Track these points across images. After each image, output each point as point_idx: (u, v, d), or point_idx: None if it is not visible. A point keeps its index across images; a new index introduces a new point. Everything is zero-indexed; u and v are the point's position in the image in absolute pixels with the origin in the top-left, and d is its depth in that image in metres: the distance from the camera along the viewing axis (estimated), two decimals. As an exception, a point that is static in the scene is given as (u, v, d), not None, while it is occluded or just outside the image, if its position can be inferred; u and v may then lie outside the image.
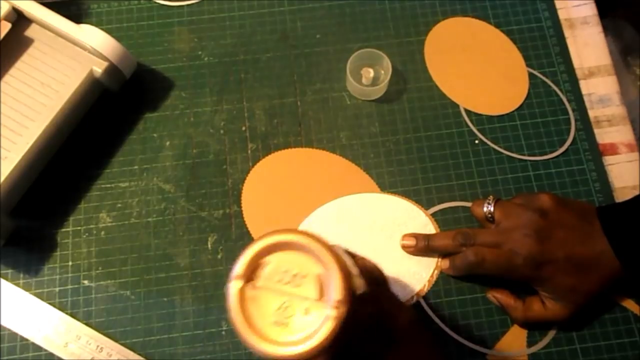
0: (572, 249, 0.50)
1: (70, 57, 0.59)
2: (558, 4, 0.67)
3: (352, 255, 0.38)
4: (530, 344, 0.54)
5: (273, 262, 0.32)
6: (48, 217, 0.59)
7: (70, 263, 0.57)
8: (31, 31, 0.60)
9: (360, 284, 0.35)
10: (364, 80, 0.62)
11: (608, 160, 0.61)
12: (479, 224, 0.57)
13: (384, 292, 0.41)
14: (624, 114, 0.63)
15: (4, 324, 0.55)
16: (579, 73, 0.64)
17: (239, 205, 0.59)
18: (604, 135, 0.62)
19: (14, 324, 0.55)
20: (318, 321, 0.30)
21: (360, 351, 0.37)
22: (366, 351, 0.37)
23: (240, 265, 0.32)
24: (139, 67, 0.63)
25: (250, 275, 0.31)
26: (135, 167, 0.61)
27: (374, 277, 0.40)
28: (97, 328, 0.55)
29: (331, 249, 0.31)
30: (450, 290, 0.56)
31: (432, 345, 0.41)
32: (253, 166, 0.61)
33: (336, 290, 0.30)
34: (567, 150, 0.61)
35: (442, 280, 0.56)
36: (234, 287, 0.31)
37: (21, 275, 0.57)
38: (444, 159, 0.61)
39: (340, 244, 0.33)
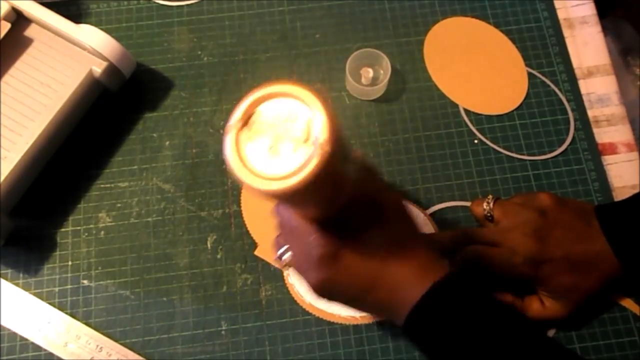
0: (570, 248, 0.50)
1: (69, 57, 0.59)
2: (557, 4, 0.67)
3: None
4: (529, 343, 0.54)
5: (266, 108, 0.35)
6: (48, 217, 0.59)
7: (69, 263, 0.57)
8: (31, 31, 0.60)
9: (354, 160, 0.39)
10: (363, 80, 0.62)
11: (607, 159, 0.61)
12: (478, 223, 0.57)
13: (374, 177, 0.44)
14: (623, 114, 0.63)
15: (4, 324, 0.55)
16: (578, 73, 0.65)
17: (239, 205, 0.59)
18: (603, 135, 0.62)
19: (13, 324, 0.55)
20: (304, 158, 0.32)
21: (351, 224, 0.42)
22: (356, 224, 0.42)
23: (238, 113, 0.34)
24: (139, 67, 0.63)
25: (246, 121, 0.34)
26: (135, 167, 0.61)
27: (366, 165, 0.44)
28: (97, 328, 0.55)
29: (321, 97, 0.34)
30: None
31: (414, 228, 0.45)
32: (252, 166, 0.61)
33: (322, 132, 0.32)
34: (566, 150, 0.61)
35: (441, 279, 0.56)
36: (231, 131, 0.34)
37: (21, 275, 0.57)
38: (443, 159, 0.61)
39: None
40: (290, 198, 0.36)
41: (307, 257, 0.42)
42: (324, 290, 0.43)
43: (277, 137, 0.34)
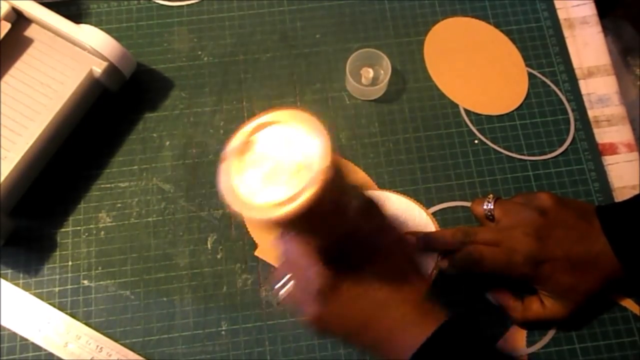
0: (571, 248, 0.50)
1: (70, 57, 0.59)
2: (557, 4, 0.67)
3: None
4: (530, 343, 0.54)
5: (265, 135, 0.34)
6: (48, 217, 0.59)
7: (70, 263, 0.57)
8: (31, 31, 0.60)
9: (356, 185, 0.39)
10: (363, 80, 0.62)
11: (607, 160, 0.61)
12: (479, 222, 0.57)
13: (376, 211, 0.44)
14: (623, 114, 0.63)
15: (4, 324, 0.55)
16: (578, 73, 0.64)
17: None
18: (603, 135, 0.62)
19: (14, 324, 0.55)
20: (302, 184, 0.32)
21: (352, 258, 0.42)
22: (356, 259, 0.42)
23: (236, 142, 0.34)
24: (139, 67, 0.63)
25: (243, 149, 0.34)
26: (135, 167, 0.61)
27: (369, 199, 0.43)
28: (97, 328, 0.55)
29: (319, 124, 0.34)
30: (449, 289, 0.56)
31: (414, 267, 0.45)
32: (253, 166, 0.61)
33: (322, 158, 0.33)
34: (566, 150, 0.61)
35: (441, 279, 0.56)
36: (227, 160, 0.34)
37: (21, 275, 0.57)
38: (443, 159, 0.61)
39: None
40: (290, 225, 0.36)
41: (306, 289, 0.42)
42: (319, 323, 0.43)
43: (275, 165, 0.33)
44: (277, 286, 0.46)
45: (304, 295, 0.42)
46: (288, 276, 0.44)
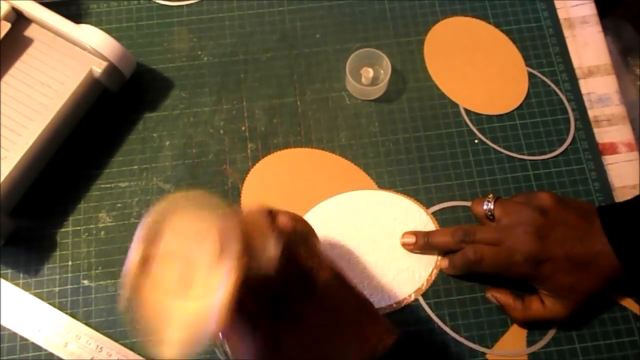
0: (571, 248, 0.50)
1: (70, 57, 0.59)
2: (557, 4, 0.67)
3: (273, 215, 0.38)
4: (530, 343, 0.54)
5: (173, 226, 0.32)
6: (48, 217, 0.59)
7: (70, 263, 0.57)
8: (31, 31, 0.60)
9: (273, 245, 0.35)
10: (363, 80, 0.62)
11: (607, 159, 0.61)
12: (479, 222, 0.57)
13: (307, 249, 0.40)
14: (623, 114, 0.63)
15: (4, 324, 0.55)
16: (578, 72, 0.64)
17: (239, 205, 0.59)
18: (603, 135, 0.62)
19: (14, 324, 0.55)
20: (221, 276, 0.30)
21: (282, 303, 0.38)
22: (291, 299, 0.39)
23: (136, 255, 0.32)
24: (139, 67, 0.63)
25: (147, 257, 0.32)
26: (135, 167, 0.61)
27: (299, 236, 0.40)
28: (97, 328, 0.55)
29: (230, 207, 0.31)
30: (450, 289, 0.56)
31: (352, 295, 0.42)
32: (253, 166, 0.61)
33: (235, 244, 0.30)
34: (566, 149, 0.61)
35: (441, 279, 0.56)
36: (131, 275, 0.31)
37: (21, 275, 0.57)
38: (443, 159, 0.61)
39: (260, 206, 0.33)
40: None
41: (245, 347, 0.38)
42: None
43: (188, 256, 0.31)
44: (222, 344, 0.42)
45: (243, 354, 0.39)
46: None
